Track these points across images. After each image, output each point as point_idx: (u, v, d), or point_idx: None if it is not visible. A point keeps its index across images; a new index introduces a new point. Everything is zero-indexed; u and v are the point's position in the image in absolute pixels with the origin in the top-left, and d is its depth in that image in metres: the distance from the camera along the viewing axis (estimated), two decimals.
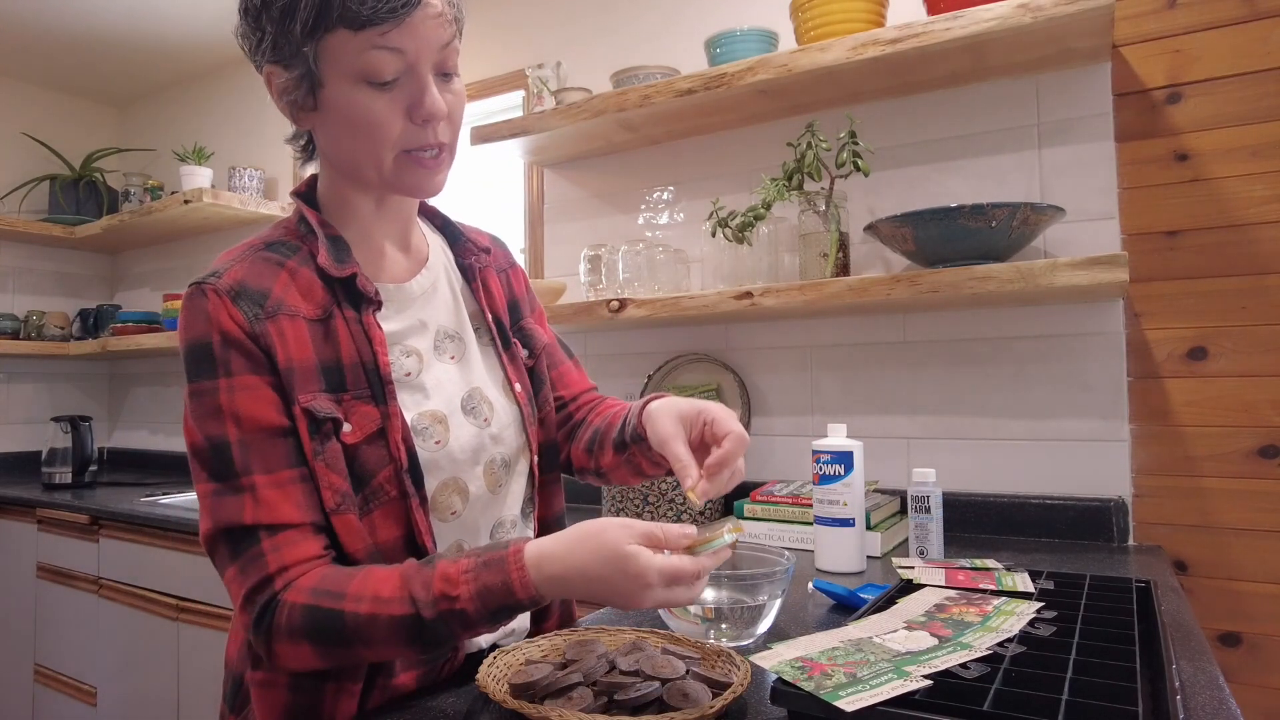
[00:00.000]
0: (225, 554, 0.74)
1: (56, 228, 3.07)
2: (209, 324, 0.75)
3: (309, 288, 0.80)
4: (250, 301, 0.76)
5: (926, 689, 0.65)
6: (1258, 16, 1.42)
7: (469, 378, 0.89)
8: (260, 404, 0.75)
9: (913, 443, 1.68)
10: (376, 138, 0.77)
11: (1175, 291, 1.46)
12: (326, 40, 0.74)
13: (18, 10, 2.66)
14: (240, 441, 0.74)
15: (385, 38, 0.74)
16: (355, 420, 0.77)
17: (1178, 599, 1.08)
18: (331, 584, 0.71)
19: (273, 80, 0.80)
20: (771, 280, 1.73)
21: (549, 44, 2.25)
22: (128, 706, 2.17)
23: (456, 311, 0.92)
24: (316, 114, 0.80)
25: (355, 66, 0.74)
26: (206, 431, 0.74)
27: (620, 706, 0.68)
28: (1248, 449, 1.40)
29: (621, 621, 1.04)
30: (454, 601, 0.68)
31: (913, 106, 1.70)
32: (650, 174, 2.04)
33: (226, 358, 0.75)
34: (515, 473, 0.91)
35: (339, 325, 0.80)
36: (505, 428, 0.90)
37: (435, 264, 0.92)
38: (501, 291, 0.99)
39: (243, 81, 3.06)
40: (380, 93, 0.76)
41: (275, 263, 0.80)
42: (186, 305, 0.77)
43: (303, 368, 0.77)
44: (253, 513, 0.72)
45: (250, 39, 0.80)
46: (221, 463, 0.74)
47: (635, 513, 1.66)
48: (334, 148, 0.81)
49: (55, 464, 2.71)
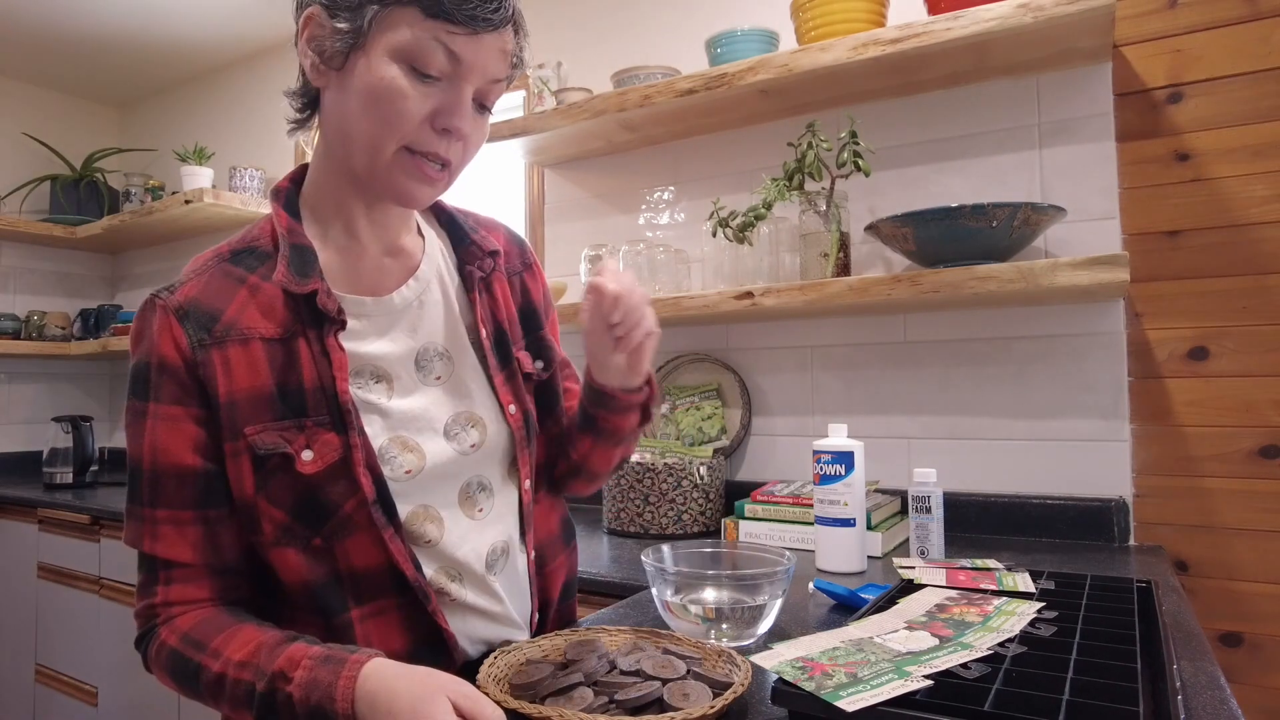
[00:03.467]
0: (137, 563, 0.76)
1: (57, 228, 3.07)
2: (150, 344, 0.74)
3: (270, 305, 0.75)
4: (197, 325, 0.73)
5: (927, 689, 0.65)
6: (1258, 16, 1.42)
7: (458, 399, 0.83)
8: (176, 439, 0.73)
9: (913, 443, 1.68)
10: (391, 121, 0.71)
11: (1176, 291, 1.46)
12: (393, 11, 0.70)
13: (19, 10, 2.66)
14: (151, 473, 0.74)
15: (451, 38, 0.70)
16: (317, 448, 0.73)
17: (1178, 599, 1.08)
18: (200, 634, 0.72)
19: (311, 21, 0.73)
20: (772, 280, 1.73)
21: (550, 44, 2.25)
22: (128, 706, 2.17)
23: (448, 325, 0.85)
24: (339, 74, 0.73)
25: (407, 46, 0.70)
26: (130, 449, 0.76)
27: (621, 706, 0.68)
28: (1249, 449, 1.40)
29: (622, 622, 1.04)
30: (287, 683, 0.65)
31: (913, 106, 1.70)
32: (651, 174, 2.04)
33: (159, 382, 0.73)
34: (500, 498, 0.85)
35: (301, 346, 0.75)
36: (494, 452, 0.84)
37: (426, 273, 0.84)
38: (511, 299, 0.92)
39: (244, 82, 3.06)
40: (416, 81, 0.71)
41: (236, 278, 0.76)
42: (139, 316, 0.76)
43: (251, 398, 0.73)
44: (149, 544, 0.74)
45: None
46: (134, 485, 0.75)
47: (636, 512, 1.66)
48: (341, 117, 0.74)
49: (56, 464, 2.71)
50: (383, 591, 0.77)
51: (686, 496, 1.65)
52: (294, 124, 0.81)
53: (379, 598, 0.77)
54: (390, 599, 0.77)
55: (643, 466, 1.66)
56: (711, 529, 1.68)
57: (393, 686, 0.63)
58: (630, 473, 1.67)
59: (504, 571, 0.85)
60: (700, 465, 1.66)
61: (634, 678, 0.72)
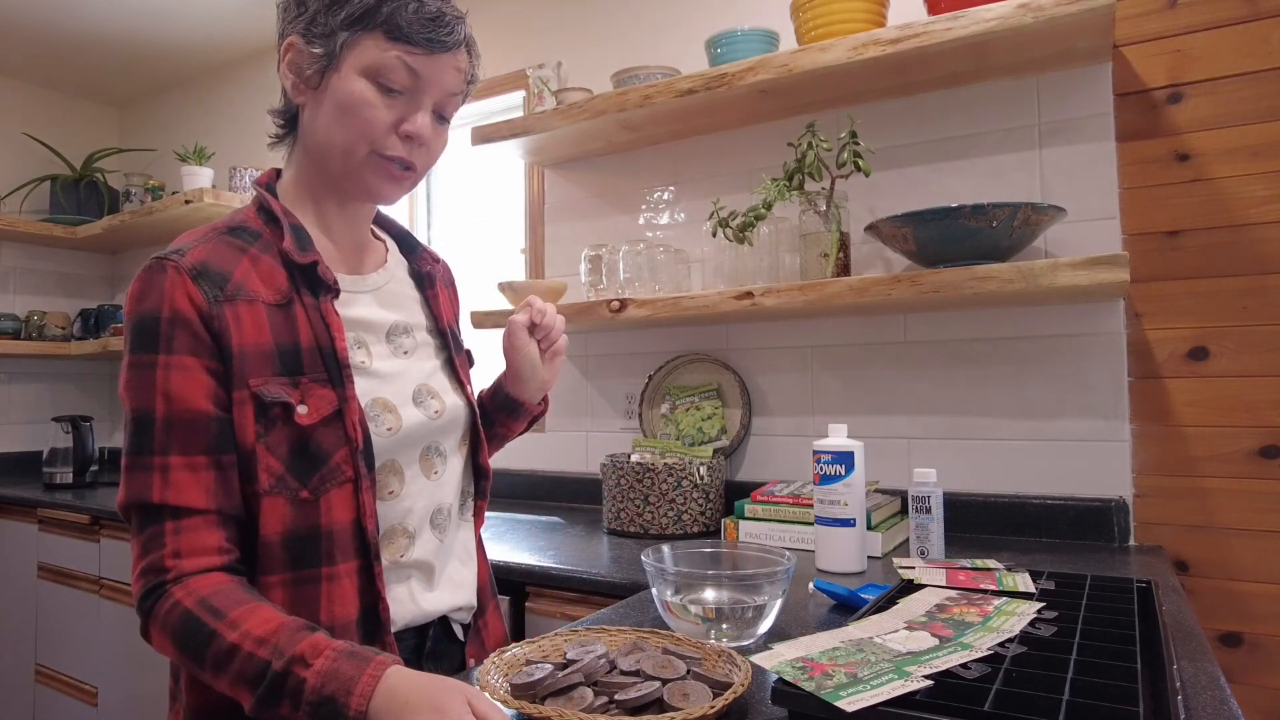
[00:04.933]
0: (134, 526, 0.76)
1: (57, 228, 3.08)
2: (161, 299, 0.77)
3: (270, 274, 0.83)
4: (211, 283, 0.79)
5: (927, 689, 0.65)
6: (1258, 16, 1.42)
7: (419, 372, 0.93)
8: (192, 386, 0.76)
9: (913, 443, 1.68)
10: (360, 129, 0.83)
11: (1176, 291, 1.46)
12: (360, 36, 0.82)
13: (19, 10, 2.66)
14: (165, 420, 0.76)
15: (411, 57, 0.83)
16: (312, 402, 0.80)
17: (1179, 599, 1.08)
18: (220, 602, 0.72)
19: (291, 48, 0.86)
20: (772, 280, 1.73)
21: (550, 44, 2.25)
22: (128, 706, 2.17)
23: (410, 311, 0.96)
24: (315, 92, 0.85)
25: (373, 64, 0.82)
26: (136, 403, 0.76)
27: (620, 706, 0.68)
28: (1249, 449, 1.40)
29: (622, 622, 1.04)
30: (305, 668, 0.67)
31: (913, 106, 1.70)
32: (651, 174, 2.04)
33: (171, 334, 0.76)
34: (451, 465, 0.95)
35: (298, 311, 0.83)
36: (452, 422, 0.94)
37: (393, 265, 0.98)
38: (450, 303, 1.06)
39: (244, 82, 3.06)
40: (381, 95, 0.83)
41: (238, 248, 0.83)
42: (143, 277, 0.78)
43: (257, 352, 0.79)
44: (160, 492, 0.75)
45: (291, 10, 0.87)
46: (143, 437, 0.76)
47: (635, 512, 1.66)
48: (318, 127, 0.85)
49: (56, 464, 2.71)
50: (346, 554, 0.82)
51: (686, 496, 1.65)
52: (275, 138, 0.94)
53: (344, 560, 0.82)
54: (352, 562, 0.83)
55: (643, 466, 1.66)
56: (711, 529, 1.68)
57: (414, 682, 0.66)
58: (630, 473, 1.67)
59: (447, 532, 0.94)
60: (700, 465, 1.67)
61: (634, 678, 0.72)
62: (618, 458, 1.77)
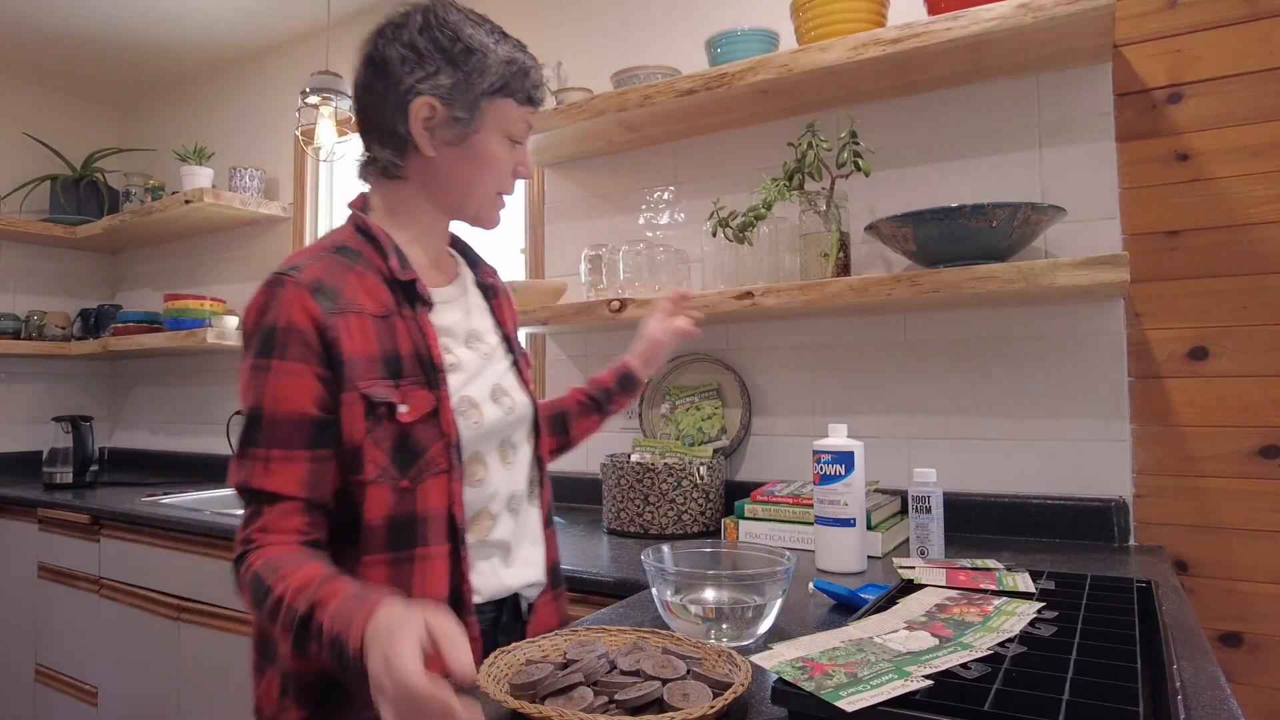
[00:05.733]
0: (241, 503, 0.87)
1: (57, 228, 3.07)
2: (279, 311, 0.87)
3: (374, 289, 0.94)
4: (326, 297, 0.89)
5: (927, 689, 0.65)
6: (1258, 16, 1.42)
7: (494, 373, 1.04)
8: (299, 391, 0.86)
9: (913, 443, 1.68)
10: (495, 177, 1.01)
11: (1176, 291, 1.46)
12: (497, 101, 0.98)
13: (19, 10, 2.66)
14: (270, 418, 0.86)
15: (530, 115, 1.02)
16: (412, 402, 0.91)
17: (1178, 599, 1.08)
18: (278, 563, 0.81)
19: (427, 108, 0.95)
20: (772, 280, 1.73)
21: (549, 44, 2.25)
22: (128, 706, 2.17)
23: (480, 319, 1.08)
24: (453, 148, 0.98)
25: (508, 126, 0.99)
26: (249, 401, 0.87)
27: (620, 706, 0.68)
28: (1248, 449, 1.40)
29: (622, 622, 1.04)
30: (323, 612, 0.74)
31: (913, 106, 1.71)
32: (651, 174, 2.04)
33: (285, 343, 0.86)
34: (521, 454, 1.06)
35: (398, 322, 0.94)
36: (521, 417, 1.05)
37: (464, 278, 1.09)
38: (510, 312, 1.16)
39: (244, 82, 3.06)
40: (510, 149, 1.01)
41: (345, 265, 0.94)
42: (264, 290, 0.89)
43: (365, 358, 0.90)
44: (260, 479, 0.85)
45: (415, 69, 0.95)
46: (253, 431, 0.87)
47: (636, 512, 1.66)
48: (454, 176, 0.99)
49: (56, 464, 2.71)
50: (439, 537, 0.92)
51: (686, 496, 1.65)
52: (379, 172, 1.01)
53: (436, 543, 0.92)
54: (443, 545, 0.93)
55: (643, 466, 1.66)
56: (711, 529, 1.68)
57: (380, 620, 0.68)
58: (630, 473, 1.67)
59: (520, 515, 1.05)
60: (700, 465, 1.67)
61: (634, 678, 0.72)
62: (618, 457, 1.77)
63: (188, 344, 2.69)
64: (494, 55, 0.96)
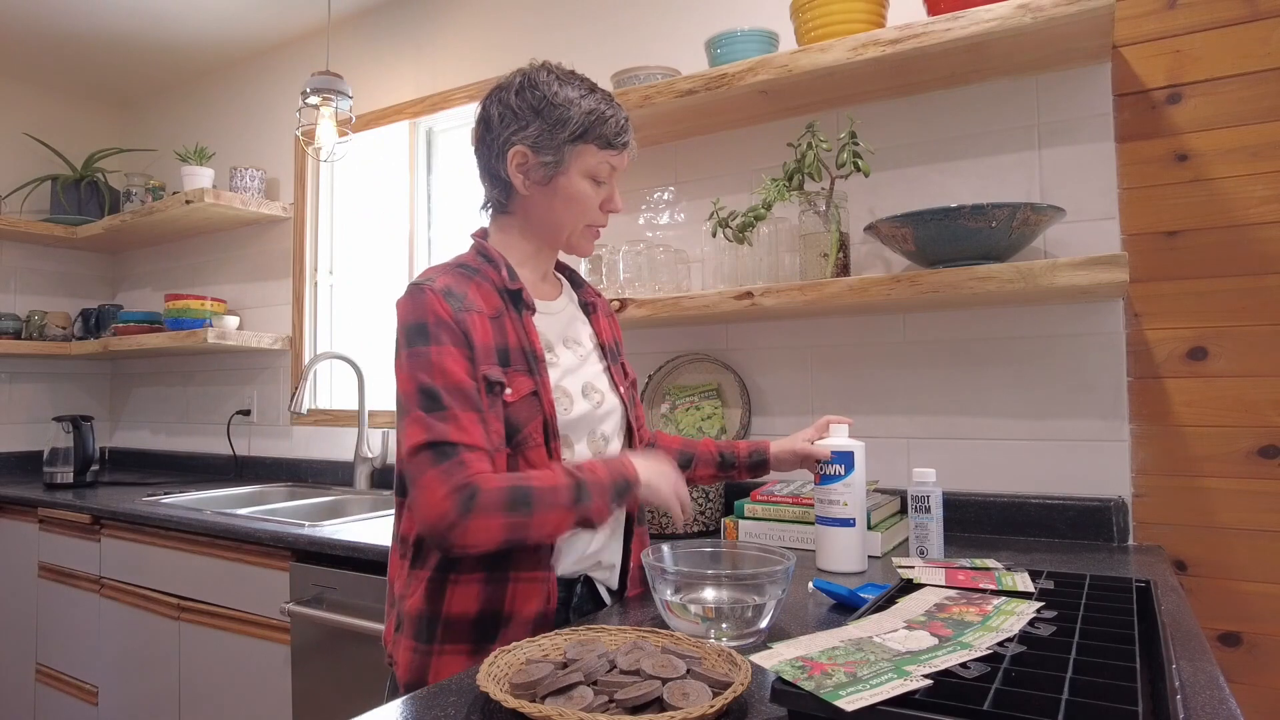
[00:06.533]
0: (429, 460, 0.98)
1: (58, 228, 3.08)
2: (427, 309, 1.05)
3: (488, 296, 1.12)
4: (454, 299, 1.07)
5: (927, 689, 0.65)
6: (1258, 17, 1.42)
7: (586, 373, 1.19)
8: (460, 365, 1.04)
9: (913, 442, 1.68)
10: (582, 213, 1.16)
11: (1175, 291, 1.46)
12: (579, 147, 1.12)
13: (19, 10, 2.66)
14: (445, 387, 1.02)
15: (612, 158, 1.15)
16: (515, 386, 1.07)
17: (1178, 599, 1.08)
18: (515, 479, 0.99)
19: (520, 155, 1.12)
20: (772, 280, 1.73)
21: (550, 45, 2.25)
22: (129, 706, 2.18)
23: (579, 329, 1.24)
24: (543, 188, 1.14)
25: (590, 168, 1.14)
26: (419, 380, 1.02)
27: (620, 706, 0.68)
28: (1248, 449, 1.40)
29: (622, 622, 1.04)
30: (594, 475, 1.02)
31: (913, 106, 1.71)
32: (650, 174, 2.05)
33: (439, 333, 1.04)
34: (612, 448, 1.20)
35: (507, 322, 1.11)
36: (610, 413, 1.20)
37: (567, 296, 1.27)
38: (610, 326, 1.31)
39: (244, 82, 3.07)
40: (594, 186, 1.15)
41: (466, 277, 1.12)
42: (411, 296, 1.07)
43: (484, 347, 1.07)
44: (456, 434, 1.00)
45: (511, 123, 1.12)
46: (431, 400, 1.01)
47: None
48: (546, 211, 1.16)
49: (57, 463, 2.71)
50: None
51: None
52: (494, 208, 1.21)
53: None
54: None
55: None
56: (711, 529, 1.69)
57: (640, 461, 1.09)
58: None
59: None
60: None
61: (634, 677, 0.72)
62: None
63: (188, 344, 2.69)
64: (577, 108, 1.11)
